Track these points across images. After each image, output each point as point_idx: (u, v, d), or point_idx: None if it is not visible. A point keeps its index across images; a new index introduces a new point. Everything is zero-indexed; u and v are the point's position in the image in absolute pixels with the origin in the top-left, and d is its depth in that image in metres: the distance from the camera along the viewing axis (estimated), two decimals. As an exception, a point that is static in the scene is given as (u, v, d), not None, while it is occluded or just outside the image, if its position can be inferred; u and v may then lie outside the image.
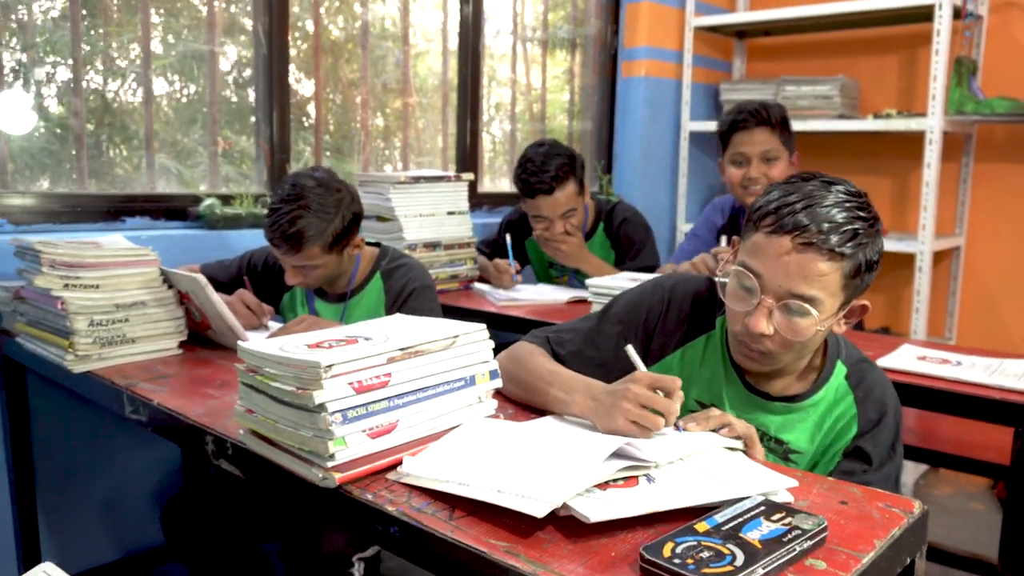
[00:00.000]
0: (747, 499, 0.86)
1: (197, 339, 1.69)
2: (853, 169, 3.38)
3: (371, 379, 0.97)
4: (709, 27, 3.51)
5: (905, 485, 3.08)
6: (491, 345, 1.11)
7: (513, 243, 2.65)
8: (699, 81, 3.57)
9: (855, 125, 3.08)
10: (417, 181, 2.38)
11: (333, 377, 0.93)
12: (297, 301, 1.90)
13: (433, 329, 1.08)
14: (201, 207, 2.20)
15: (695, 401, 1.27)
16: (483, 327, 1.10)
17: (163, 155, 2.30)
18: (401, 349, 1.00)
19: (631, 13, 3.42)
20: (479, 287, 2.48)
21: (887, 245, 3.06)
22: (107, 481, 2.08)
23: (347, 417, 0.94)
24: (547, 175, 2.28)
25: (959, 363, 1.62)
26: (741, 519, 0.81)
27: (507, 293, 2.35)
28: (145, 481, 2.15)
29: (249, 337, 1.61)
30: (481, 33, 3.03)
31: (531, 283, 2.61)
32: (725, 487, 0.88)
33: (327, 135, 2.72)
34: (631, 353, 1.15)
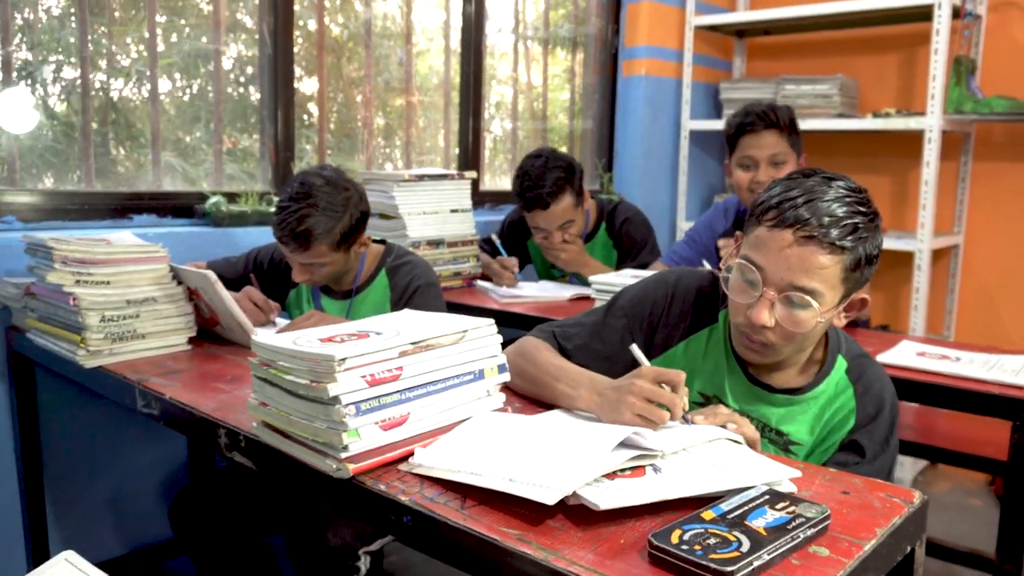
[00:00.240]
0: (751, 489, 0.88)
1: (205, 335, 1.71)
2: (852, 168, 3.40)
3: (383, 372, 0.99)
4: (709, 26, 3.53)
5: (903, 481, 3.10)
6: (499, 340, 1.13)
7: (515, 243, 2.67)
8: (699, 80, 3.59)
9: (854, 124, 3.11)
10: (421, 179, 2.40)
11: (347, 370, 0.95)
12: (303, 298, 1.92)
13: (443, 324, 1.10)
14: (207, 205, 2.22)
15: (698, 393, 1.29)
16: (491, 322, 1.12)
17: (167, 153, 2.32)
18: (412, 343, 1.02)
19: (632, 12, 3.44)
20: (482, 284, 2.50)
21: (886, 243, 3.08)
22: (114, 476, 2.10)
23: (360, 409, 0.97)
24: (543, 190, 2.29)
25: (958, 359, 1.64)
26: (746, 508, 0.83)
27: (510, 290, 2.37)
28: (151, 476, 2.17)
29: (257, 333, 1.63)
30: (483, 32, 3.05)
31: (533, 281, 2.63)
32: (730, 477, 0.91)
33: (328, 134, 2.74)
34: (635, 351, 1.17)
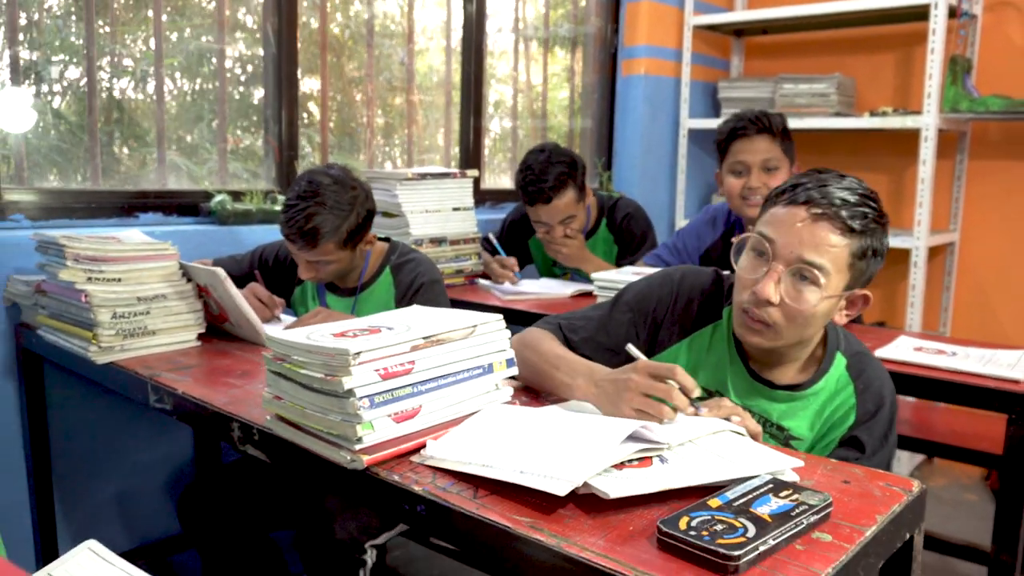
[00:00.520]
0: (756, 478, 0.91)
1: (213, 331, 1.73)
2: (850, 166, 3.42)
3: (396, 366, 1.01)
4: (707, 26, 3.56)
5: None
6: (507, 335, 1.15)
7: (516, 241, 2.69)
8: (698, 79, 3.62)
9: (852, 123, 3.13)
10: (424, 178, 2.42)
11: (361, 364, 0.98)
12: (308, 294, 1.95)
13: (453, 319, 1.12)
14: (212, 203, 2.24)
15: (701, 388, 1.31)
16: (500, 317, 1.14)
17: (170, 152, 2.34)
18: (424, 338, 1.05)
19: (631, 12, 3.46)
20: (484, 282, 2.53)
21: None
22: (121, 471, 2.12)
23: (374, 402, 0.99)
24: (545, 184, 2.31)
25: (954, 353, 1.67)
26: (751, 496, 0.86)
27: (512, 287, 2.40)
28: (158, 471, 2.19)
29: (265, 329, 1.65)
30: (484, 31, 3.07)
31: (534, 279, 2.66)
32: (735, 466, 0.93)
33: (328, 132, 2.76)
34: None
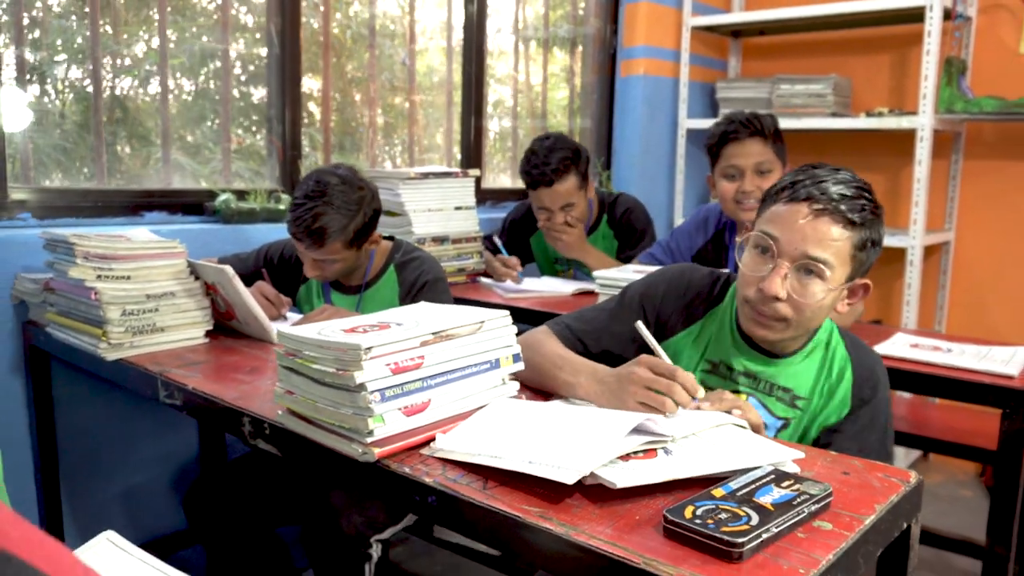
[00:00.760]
0: (758, 469, 0.93)
1: (220, 329, 1.76)
2: (846, 166, 3.46)
3: (406, 361, 1.04)
4: (705, 27, 3.59)
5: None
6: (514, 330, 1.18)
7: (517, 240, 2.72)
8: (696, 80, 3.65)
9: (848, 123, 3.16)
10: (426, 177, 2.44)
11: (372, 359, 1.00)
12: (313, 292, 1.97)
13: (460, 315, 1.15)
14: (217, 202, 2.26)
15: (706, 360, 1.36)
16: (506, 313, 1.17)
17: (173, 151, 2.36)
18: (433, 333, 1.07)
19: (630, 13, 3.49)
20: (485, 281, 2.55)
21: (879, 239, 3.14)
22: (127, 468, 2.14)
23: (385, 396, 1.01)
24: (548, 167, 2.36)
25: (950, 350, 1.70)
26: (754, 486, 0.89)
27: (514, 286, 2.43)
28: (164, 468, 2.21)
29: (273, 327, 1.67)
30: (484, 31, 3.09)
31: (535, 277, 2.68)
32: (738, 458, 0.96)
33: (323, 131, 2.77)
34: (640, 328, 1.22)
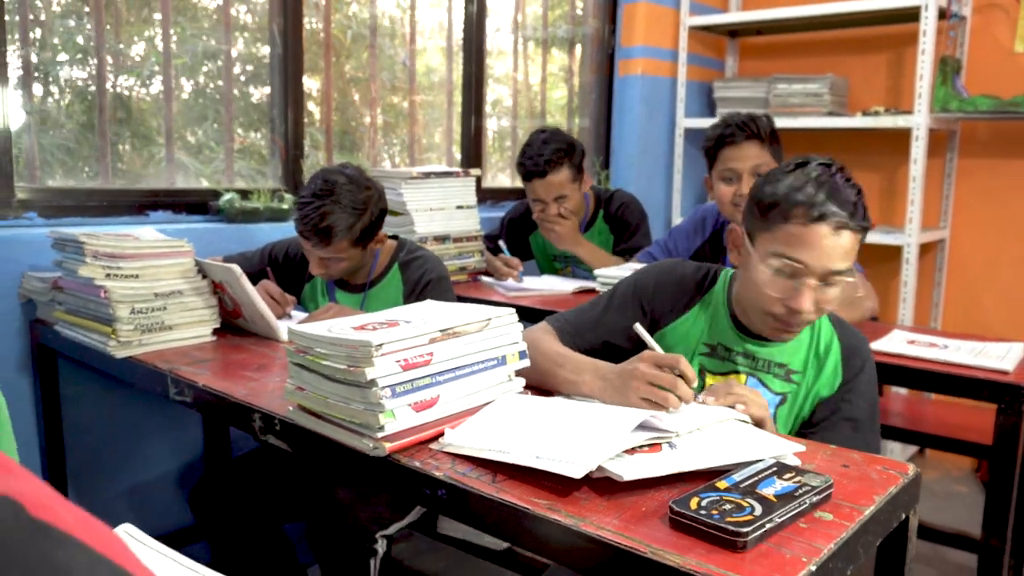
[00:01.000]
0: (760, 462, 0.96)
1: (227, 327, 1.78)
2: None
3: (416, 357, 1.06)
4: (703, 27, 3.61)
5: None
6: (520, 328, 1.20)
7: (516, 239, 2.75)
8: (693, 79, 3.67)
9: (844, 122, 3.19)
10: (428, 176, 2.47)
11: (383, 355, 1.02)
12: (318, 291, 1.99)
13: (468, 312, 1.17)
14: (221, 201, 2.28)
15: (704, 344, 1.39)
16: (512, 311, 1.19)
17: (176, 151, 2.38)
18: (442, 330, 1.09)
19: (628, 13, 3.51)
20: (487, 280, 2.57)
21: (875, 238, 3.19)
22: (134, 465, 2.16)
23: (395, 392, 1.04)
24: (542, 158, 2.40)
25: (946, 346, 1.73)
26: (756, 478, 0.91)
27: (515, 284, 2.45)
28: (170, 465, 2.23)
29: (279, 325, 1.70)
30: (484, 31, 3.11)
31: (535, 276, 2.71)
32: (740, 451, 0.98)
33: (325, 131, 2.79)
34: (639, 330, 1.25)
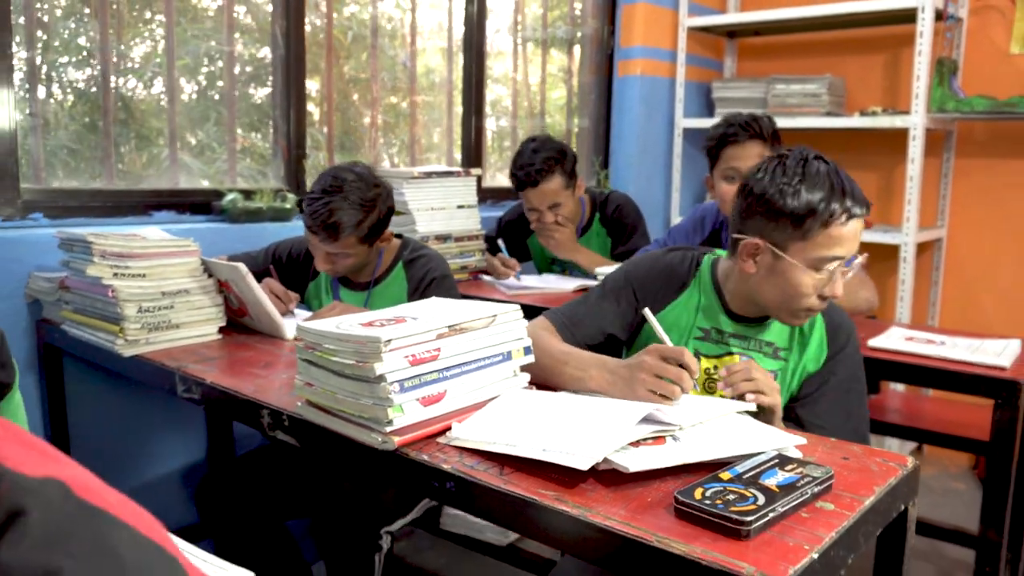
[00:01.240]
0: (762, 453, 0.98)
1: (232, 325, 1.79)
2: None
3: (424, 353, 1.08)
4: (701, 27, 3.63)
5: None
6: (525, 324, 1.22)
7: (515, 241, 2.77)
8: (692, 80, 3.69)
9: (842, 122, 3.21)
10: (429, 176, 2.48)
11: (391, 351, 1.04)
12: (322, 289, 2.01)
13: (473, 309, 1.19)
14: (224, 202, 2.29)
15: (697, 328, 1.43)
16: (517, 307, 1.21)
17: (180, 151, 2.39)
18: (449, 326, 1.11)
19: (627, 14, 3.53)
20: (487, 279, 2.59)
21: (873, 237, 3.20)
22: (139, 463, 2.18)
23: (403, 387, 1.06)
24: (533, 168, 2.41)
25: (943, 343, 1.75)
26: (759, 469, 0.93)
27: (515, 283, 2.47)
28: (175, 463, 2.25)
29: (284, 322, 1.71)
30: (484, 31, 3.13)
31: (535, 275, 2.73)
32: (743, 443, 1.00)
33: (326, 130, 2.81)
34: (648, 315, 1.28)
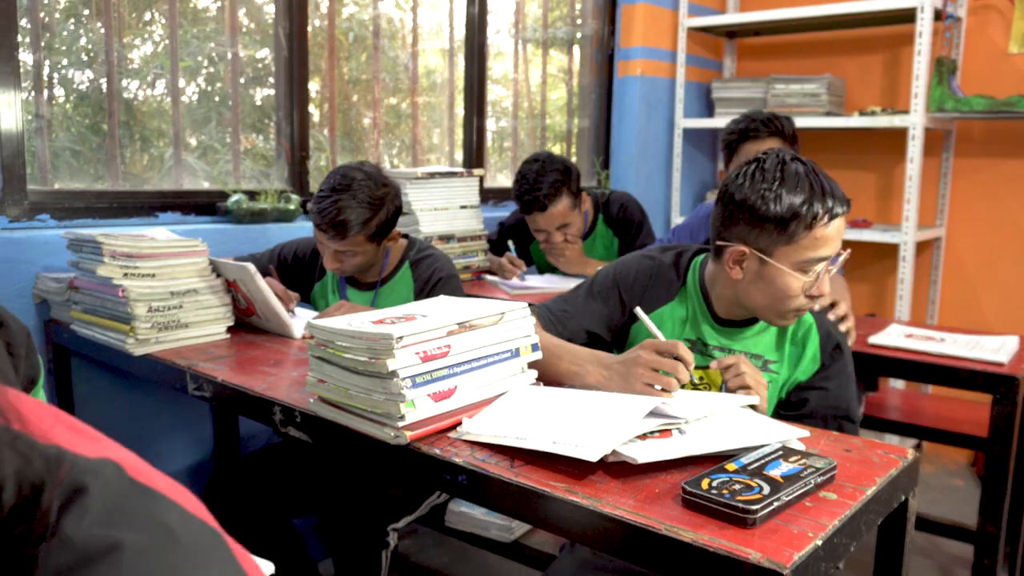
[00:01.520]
0: (767, 446, 1.00)
1: (239, 324, 1.81)
2: (840, 164, 3.55)
3: (434, 349, 1.10)
4: (701, 28, 3.66)
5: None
6: (532, 321, 1.24)
7: (516, 246, 2.79)
8: (692, 80, 3.72)
9: (841, 122, 3.24)
10: (432, 177, 2.51)
11: (403, 347, 1.06)
12: (328, 289, 2.03)
13: (482, 307, 1.21)
14: (229, 203, 2.31)
15: (683, 339, 1.44)
16: (525, 305, 1.24)
17: (184, 153, 2.42)
18: (459, 323, 1.13)
19: (627, 14, 3.55)
20: (490, 278, 2.61)
21: (872, 236, 3.23)
22: (147, 462, 2.19)
23: (415, 382, 1.08)
24: (539, 193, 2.40)
25: (943, 339, 1.78)
26: (764, 460, 0.96)
27: (519, 283, 2.49)
28: (182, 463, 2.27)
29: (292, 321, 1.74)
30: (486, 32, 3.15)
31: (537, 275, 2.75)
32: (747, 436, 1.03)
33: (327, 132, 2.83)
34: (640, 314, 1.30)
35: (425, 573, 2.49)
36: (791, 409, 1.37)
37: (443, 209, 2.54)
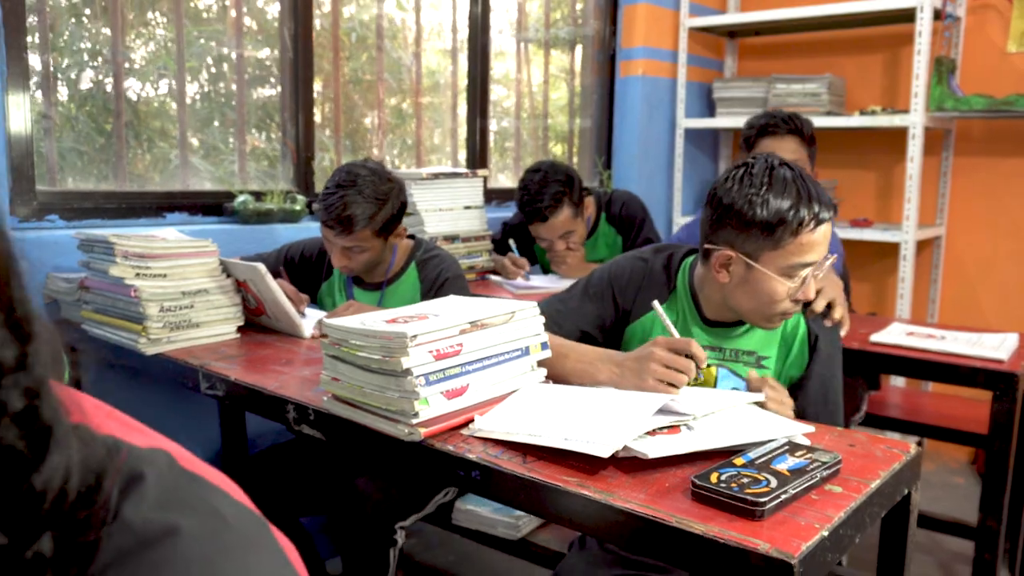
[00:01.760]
0: (773, 441, 1.03)
1: (249, 324, 1.83)
2: (840, 163, 3.57)
3: (447, 348, 1.12)
4: (702, 28, 3.68)
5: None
6: (542, 320, 1.27)
7: (519, 247, 2.81)
8: (693, 80, 3.74)
9: (842, 121, 3.26)
10: (437, 177, 2.53)
11: (417, 346, 1.08)
12: (335, 289, 2.05)
13: (493, 306, 1.23)
14: (235, 203, 2.34)
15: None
16: (535, 304, 1.26)
17: (188, 153, 2.44)
18: (471, 322, 1.16)
19: (628, 14, 3.58)
20: (495, 278, 2.64)
21: (873, 235, 3.25)
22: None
23: (428, 380, 1.10)
24: (541, 204, 2.41)
25: (943, 337, 1.80)
26: (771, 455, 0.98)
27: (523, 282, 2.51)
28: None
29: (302, 321, 1.76)
30: (489, 33, 3.17)
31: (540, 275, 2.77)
32: (754, 432, 1.05)
33: (328, 132, 2.84)
34: (658, 309, 1.32)
35: (432, 572, 2.51)
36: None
37: (448, 210, 2.56)
